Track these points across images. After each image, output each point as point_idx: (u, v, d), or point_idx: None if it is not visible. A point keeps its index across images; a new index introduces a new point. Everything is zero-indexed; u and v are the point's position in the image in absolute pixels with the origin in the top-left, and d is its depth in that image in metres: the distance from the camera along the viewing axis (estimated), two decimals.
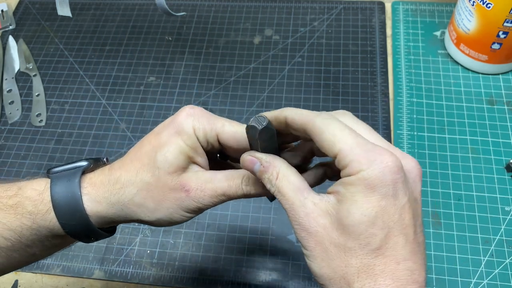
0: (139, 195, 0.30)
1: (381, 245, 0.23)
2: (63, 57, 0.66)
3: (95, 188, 0.30)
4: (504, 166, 0.51)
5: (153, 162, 0.29)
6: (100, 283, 0.48)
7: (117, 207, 0.30)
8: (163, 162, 0.29)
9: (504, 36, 0.51)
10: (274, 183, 0.27)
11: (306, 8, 0.67)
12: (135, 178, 0.30)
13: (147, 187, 0.29)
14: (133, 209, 0.30)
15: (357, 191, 0.24)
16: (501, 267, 0.45)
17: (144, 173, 0.29)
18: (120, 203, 0.30)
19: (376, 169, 0.23)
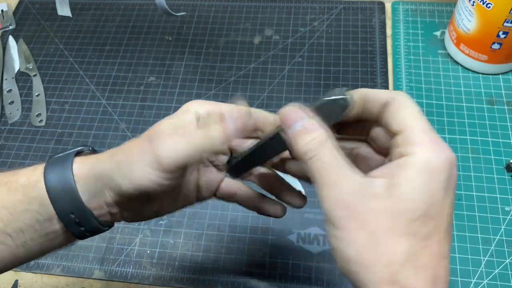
0: (117, 150, 0.29)
1: (430, 235, 0.22)
2: (63, 57, 0.66)
3: (86, 159, 0.30)
4: (504, 166, 0.51)
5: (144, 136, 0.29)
6: (100, 283, 0.48)
7: (100, 167, 0.29)
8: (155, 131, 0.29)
9: (504, 36, 0.51)
10: (317, 148, 0.24)
11: (306, 8, 0.67)
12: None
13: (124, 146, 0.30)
14: (109, 168, 0.29)
15: (417, 175, 0.22)
16: (501, 267, 0.45)
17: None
18: (102, 162, 0.29)
19: (441, 157, 0.23)
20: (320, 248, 0.48)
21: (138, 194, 0.28)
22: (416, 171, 0.22)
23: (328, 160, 0.24)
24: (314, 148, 0.24)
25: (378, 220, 0.22)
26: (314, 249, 0.48)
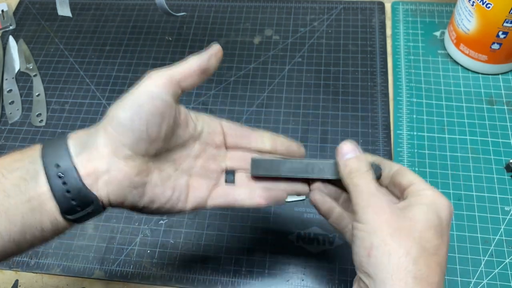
0: None
1: (436, 252, 0.29)
2: (63, 57, 0.66)
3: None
4: (503, 166, 0.51)
5: None
6: (100, 283, 0.48)
7: (95, 129, 0.30)
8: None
9: (504, 36, 0.51)
10: (364, 171, 0.32)
11: (306, 8, 0.67)
12: None
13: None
14: (108, 116, 0.30)
15: (429, 202, 0.30)
16: (500, 267, 0.45)
17: None
18: (98, 125, 0.31)
19: (446, 200, 0.30)
20: (320, 248, 0.48)
21: (133, 121, 0.29)
22: (427, 200, 0.30)
23: (370, 179, 0.31)
24: (358, 170, 0.32)
25: (401, 222, 0.29)
26: (314, 249, 0.48)
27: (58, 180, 0.28)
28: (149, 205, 0.32)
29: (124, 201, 0.31)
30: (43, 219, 0.29)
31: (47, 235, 0.30)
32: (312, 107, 0.57)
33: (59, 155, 0.29)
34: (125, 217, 0.51)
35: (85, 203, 0.29)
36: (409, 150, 0.53)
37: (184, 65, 0.32)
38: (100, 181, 0.29)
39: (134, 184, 0.30)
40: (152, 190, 0.32)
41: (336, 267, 0.46)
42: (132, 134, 0.29)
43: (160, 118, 0.30)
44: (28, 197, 0.28)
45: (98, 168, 0.29)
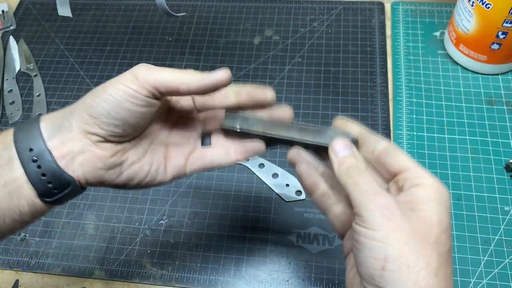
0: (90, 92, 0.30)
1: (448, 250, 0.26)
2: (64, 57, 0.66)
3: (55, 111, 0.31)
4: (503, 166, 0.51)
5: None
6: (100, 283, 0.48)
7: (69, 108, 0.30)
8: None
9: (504, 37, 0.51)
10: (362, 169, 0.29)
11: (306, 9, 0.67)
12: None
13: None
14: (81, 102, 0.30)
15: (434, 197, 0.27)
16: (500, 267, 0.45)
17: None
18: (72, 108, 0.30)
19: (444, 187, 0.27)
20: (320, 248, 0.48)
21: (110, 114, 0.28)
22: (432, 193, 0.27)
23: (370, 179, 0.28)
24: (352, 169, 0.29)
25: (416, 225, 0.26)
26: (314, 249, 0.48)
27: (33, 164, 0.28)
28: (128, 182, 0.32)
29: (102, 181, 0.30)
30: (20, 202, 0.29)
31: (26, 218, 0.30)
32: (312, 107, 0.58)
33: (32, 139, 0.29)
34: (125, 217, 0.51)
35: (62, 185, 0.29)
36: (409, 150, 0.53)
37: (177, 78, 0.29)
38: (75, 162, 0.29)
39: (109, 165, 0.30)
40: (130, 168, 0.31)
41: (336, 267, 0.46)
42: (107, 126, 0.29)
43: (138, 117, 0.30)
44: (3, 182, 0.28)
45: (72, 149, 0.29)
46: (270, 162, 0.53)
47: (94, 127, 0.29)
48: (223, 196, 0.52)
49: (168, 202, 0.52)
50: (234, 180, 0.53)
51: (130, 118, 0.29)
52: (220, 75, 0.31)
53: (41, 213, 0.30)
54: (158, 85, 0.29)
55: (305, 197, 0.51)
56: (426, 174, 0.28)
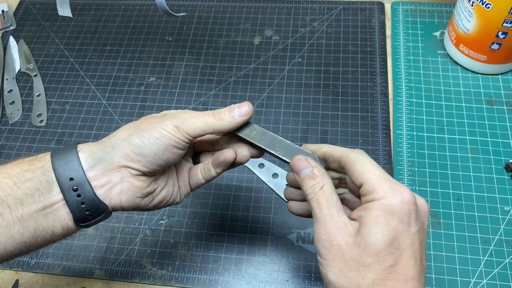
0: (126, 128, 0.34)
1: (396, 263, 0.27)
2: (64, 57, 0.66)
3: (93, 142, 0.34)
4: (503, 166, 0.51)
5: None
6: (100, 283, 0.48)
7: (111, 140, 0.33)
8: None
9: (504, 37, 0.51)
10: (317, 192, 0.30)
11: (306, 9, 0.67)
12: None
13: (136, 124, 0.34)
14: (123, 134, 0.33)
15: (379, 214, 0.28)
16: (500, 267, 0.45)
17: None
18: (113, 143, 0.32)
19: (397, 198, 0.28)
20: None
21: (157, 155, 0.32)
22: (378, 211, 0.28)
23: (323, 202, 0.30)
24: (316, 191, 0.31)
25: (351, 252, 0.28)
26: (314, 249, 0.48)
27: (73, 193, 0.30)
28: (157, 206, 0.36)
29: (137, 207, 0.34)
30: (55, 224, 0.31)
31: (57, 238, 0.32)
32: (312, 107, 0.58)
33: (71, 168, 0.31)
34: (125, 217, 0.51)
35: (97, 212, 0.32)
36: (409, 150, 0.53)
37: (211, 124, 0.34)
38: (113, 191, 0.32)
39: (145, 194, 0.33)
40: (160, 193, 0.35)
41: None
42: (151, 165, 0.32)
43: (177, 157, 0.34)
44: (42, 205, 0.30)
45: (112, 180, 0.32)
46: (270, 162, 0.54)
47: (137, 164, 0.32)
48: (223, 196, 0.52)
49: None
50: (234, 180, 0.53)
51: (171, 160, 0.33)
52: (245, 110, 0.35)
53: (70, 234, 0.33)
54: (196, 135, 0.33)
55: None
56: (378, 185, 0.29)
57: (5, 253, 0.30)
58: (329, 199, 0.30)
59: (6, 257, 0.31)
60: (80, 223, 0.31)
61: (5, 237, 0.30)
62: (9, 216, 0.30)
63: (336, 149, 0.33)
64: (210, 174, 0.37)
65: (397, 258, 0.28)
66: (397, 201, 0.28)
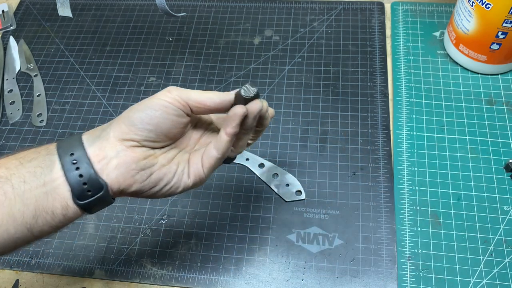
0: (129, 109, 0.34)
1: None
2: (64, 57, 0.66)
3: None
4: (503, 166, 0.51)
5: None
6: (100, 283, 0.48)
7: (107, 125, 0.33)
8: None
9: (503, 37, 0.51)
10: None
11: (306, 9, 0.67)
12: None
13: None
14: (122, 115, 0.33)
15: None
16: (500, 267, 0.45)
17: None
18: (110, 123, 0.34)
19: None
20: (320, 248, 0.48)
21: (144, 121, 0.32)
22: None
23: None
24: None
25: None
26: (314, 249, 0.48)
27: (72, 165, 0.31)
28: (157, 183, 0.34)
29: (133, 183, 0.33)
30: (55, 203, 0.31)
31: (57, 220, 0.32)
32: (312, 107, 0.58)
33: (73, 146, 0.32)
34: (125, 217, 0.52)
35: (95, 188, 0.31)
36: (409, 150, 0.53)
37: (203, 95, 0.34)
38: (110, 166, 0.32)
39: (141, 166, 0.33)
40: (160, 169, 0.34)
41: (336, 267, 0.47)
42: (141, 131, 0.32)
43: (169, 124, 0.33)
44: (42, 182, 0.31)
45: (108, 154, 0.32)
46: (270, 162, 0.54)
47: (129, 134, 0.32)
48: (223, 196, 0.52)
49: (168, 202, 0.52)
50: (234, 180, 0.53)
51: (162, 124, 0.33)
52: (240, 109, 0.34)
53: (71, 218, 0.32)
54: (188, 100, 0.33)
55: (305, 197, 0.51)
56: None
57: (7, 237, 0.30)
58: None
59: (9, 243, 0.31)
60: (79, 200, 0.31)
61: (6, 217, 0.30)
62: (11, 194, 0.30)
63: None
64: (221, 140, 0.34)
65: None
66: None
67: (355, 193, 0.51)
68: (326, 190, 0.51)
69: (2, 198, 0.30)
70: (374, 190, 0.51)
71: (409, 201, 0.49)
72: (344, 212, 0.50)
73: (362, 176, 0.52)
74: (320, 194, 0.51)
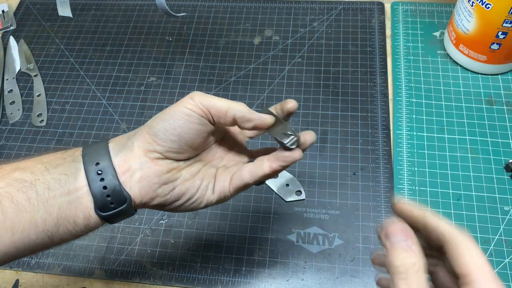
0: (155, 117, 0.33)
1: None
2: (64, 57, 0.66)
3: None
4: (503, 166, 0.51)
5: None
6: (100, 283, 0.48)
7: (133, 134, 0.33)
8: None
9: (503, 37, 0.51)
10: (408, 269, 0.26)
11: (306, 9, 0.67)
12: None
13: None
14: (146, 124, 0.32)
15: None
16: (500, 267, 0.45)
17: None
18: (135, 131, 0.33)
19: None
20: (320, 248, 0.48)
21: (167, 131, 0.31)
22: None
23: (413, 284, 0.25)
24: (407, 270, 0.26)
25: None
26: (314, 249, 0.48)
27: (97, 176, 0.31)
28: (179, 198, 0.33)
29: (155, 197, 0.32)
30: (77, 213, 0.31)
31: (78, 229, 0.31)
32: (312, 107, 0.58)
33: (99, 155, 0.31)
34: None
35: (119, 201, 0.31)
36: (409, 150, 0.53)
37: (228, 104, 0.32)
38: (133, 178, 0.31)
39: (164, 180, 0.32)
40: (183, 184, 0.33)
41: (336, 267, 0.47)
42: (164, 142, 0.32)
43: (193, 134, 0.32)
44: (67, 190, 0.30)
45: (132, 166, 0.31)
46: None
47: (153, 145, 0.32)
48: None
49: None
50: None
51: (185, 134, 0.32)
52: (265, 117, 0.33)
53: (92, 228, 0.32)
54: (210, 107, 0.32)
55: (305, 197, 0.51)
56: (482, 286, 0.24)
57: (28, 242, 0.30)
58: (420, 282, 0.25)
59: (29, 247, 0.30)
60: (102, 211, 0.31)
61: (29, 223, 0.30)
62: (35, 201, 0.30)
63: (439, 224, 0.28)
64: (261, 170, 0.33)
65: None
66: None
67: (355, 193, 0.51)
68: (326, 190, 0.51)
69: (25, 204, 0.29)
70: (374, 190, 0.51)
71: (409, 201, 0.49)
72: (344, 212, 0.50)
73: (362, 176, 0.52)
74: (320, 194, 0.51)
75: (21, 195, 0.30)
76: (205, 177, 0.34)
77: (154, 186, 0.32)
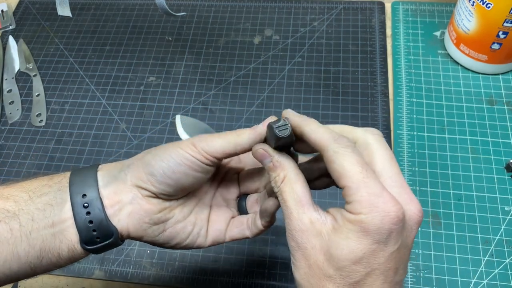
0: (147, 152, 0.32)
1: (360, 280, 0.24)
2: (63, 57, 0.66)
3: (108, 165, 0.32)
4: (504, 166, 0.51)
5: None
6: (100, 283, 0.48)
7: (128, 161, 0.31)
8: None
9: (504, 36, 0.51)
10: (279, 185, 0.28)
11: (306, 8, 0.67)
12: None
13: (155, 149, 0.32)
14: (140, 157, 0.31)
15: (352, 229, 0.24)
16: (501, 267, 0.45)
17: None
18: (129, 162, 0.31)
19: (375, 217, 0.24)
20: None
21: (165, 174, 0.30)
22: (351, 225, 0.24)
23: (286, 197, 0.27)
24: (278, 184, 0.28)
25: (316, 257, 0.25)
26: None
27: (83, 209, 0.29)
28: (169, 241, 0.32)
29: (143, 235, 0.31)
30: (61, 246, 0.30)
31: (62, 262, 0.30)
32: (312, 107, 0.57)
33: (87, 185, 0.30)
34: None
35: (105, 235, 0.30)
36: (409, 150, 0.53)
37: (230, 144, 0.30)
38: (122, 212, 0.30)
39: (154, 220, 0.31)
40: (173, 227, 0.32)
41: None
42: (159, 184, 0.30)
43: (192, 180, 0.31)
44: (51, 222, 0.29)
45: (122, 200, 0.30)
46: None
47: (147, 184, 0.30)
48: None
49: None
50: None
51: (184, 181, 0.31)
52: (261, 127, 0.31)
53: (77, 259, 0.31)
54: (215, 153, 0.30)
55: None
56: (357, 200, 0.24)
57: (9, 273, 0.29)
58: (293, 192, 0.27)
59: (10, 277, 0.30)
60: (87, 245, 0.30)
61: (11, 254, 0.29)
62: (18, 232, 0.29)
63: (316, 134, 0.27)
64: (258, 228, 0.33)
65: (363, 276, 0.24)
66: (375, 220, 0.24)
67: None
68: (327, 190, 0.51)
69: (8, 235, 0.28)
70: None
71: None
72: None
73: None
74: (321, 194, 0.51)
75: (3, 226, 0.29)
76: (197, 221, 0.33)
77: (144, 225, 0.31)
